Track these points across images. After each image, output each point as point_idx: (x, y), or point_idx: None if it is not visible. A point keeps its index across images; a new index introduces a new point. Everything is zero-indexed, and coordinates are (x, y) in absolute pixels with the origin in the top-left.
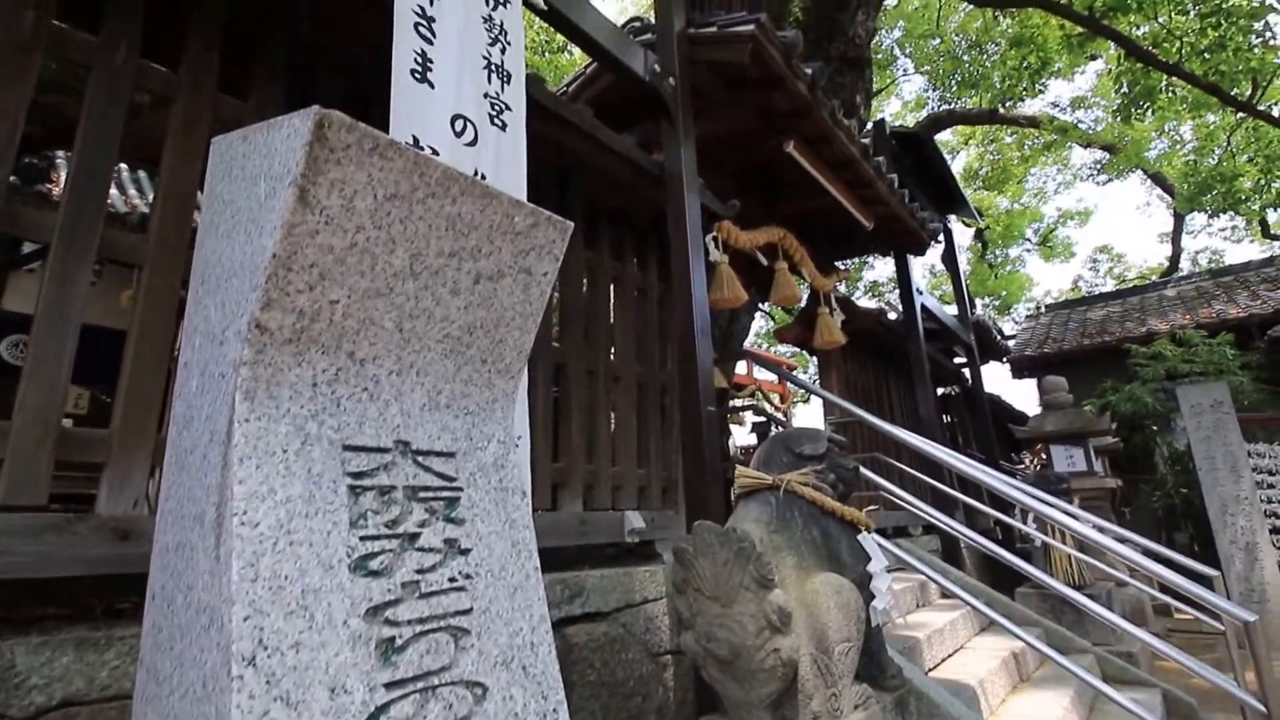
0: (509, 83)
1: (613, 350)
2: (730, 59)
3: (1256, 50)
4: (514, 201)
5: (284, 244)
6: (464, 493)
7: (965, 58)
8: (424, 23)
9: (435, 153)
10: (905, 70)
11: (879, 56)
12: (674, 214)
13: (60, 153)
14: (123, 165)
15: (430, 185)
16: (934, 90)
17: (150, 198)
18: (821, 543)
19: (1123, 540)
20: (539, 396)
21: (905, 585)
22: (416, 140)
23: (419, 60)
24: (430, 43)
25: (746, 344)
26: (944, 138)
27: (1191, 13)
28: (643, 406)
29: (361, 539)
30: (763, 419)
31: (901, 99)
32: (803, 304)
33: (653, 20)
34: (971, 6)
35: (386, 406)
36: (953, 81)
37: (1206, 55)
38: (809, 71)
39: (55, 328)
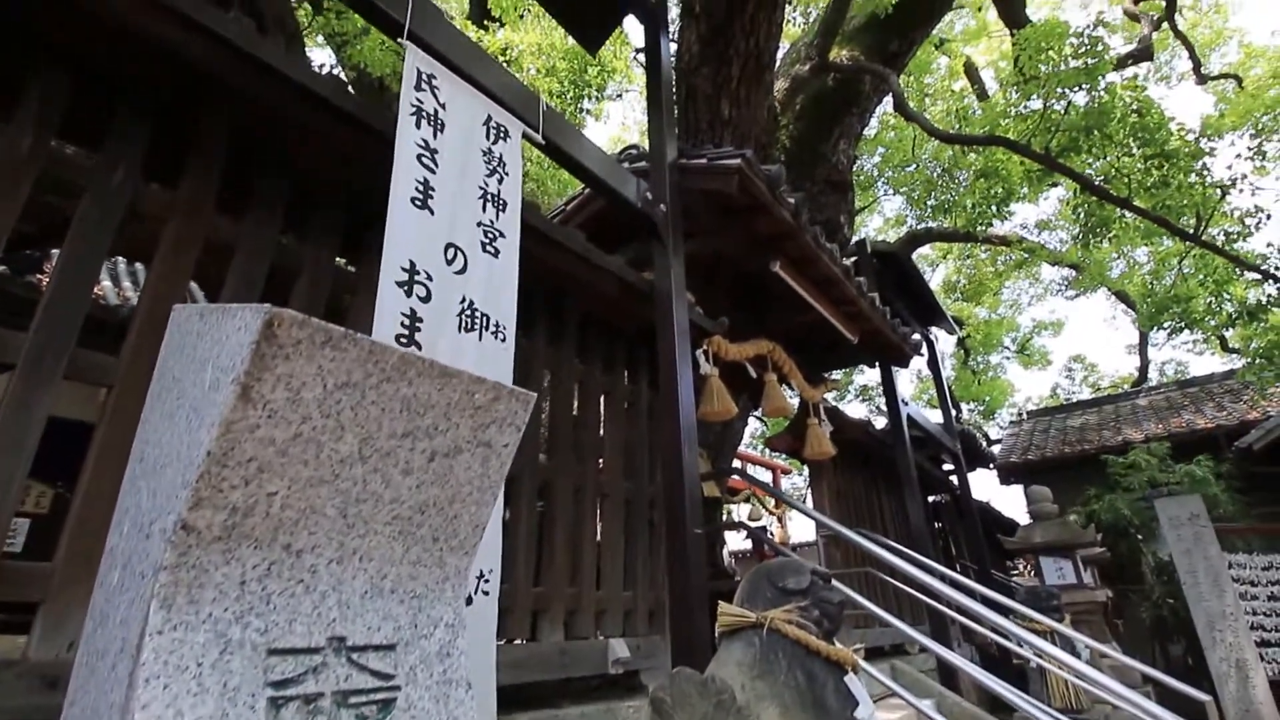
0: (504, 211)
1: (601, 462)
2: (719, 188)
3: (1198, 188)
4: (474, 378)
5: (221, 441)
6: (401, 691)
7: (939, 182)
8: (427, 154)
9: (430, 277)
10: (886, 190)
11: (860, 178)
12: (663, 333)
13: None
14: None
15: (386, 370)
16: (912, 210)
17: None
18: (806, 687)
19: (1105, 656)
20: (522, 517)
21: (900, 716)
22: (413, 265)
23: (420, 188)
24: (433, 171)
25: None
26: (924, 251)
27: (1137, 154)
28: (630, 523)
29: None
30: (758, 522)
31: (883, 215)
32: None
33: (647, 148)
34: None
35: (323, 599)
36: (928, 204)
37: (1153, 191)
38: (792, 200)
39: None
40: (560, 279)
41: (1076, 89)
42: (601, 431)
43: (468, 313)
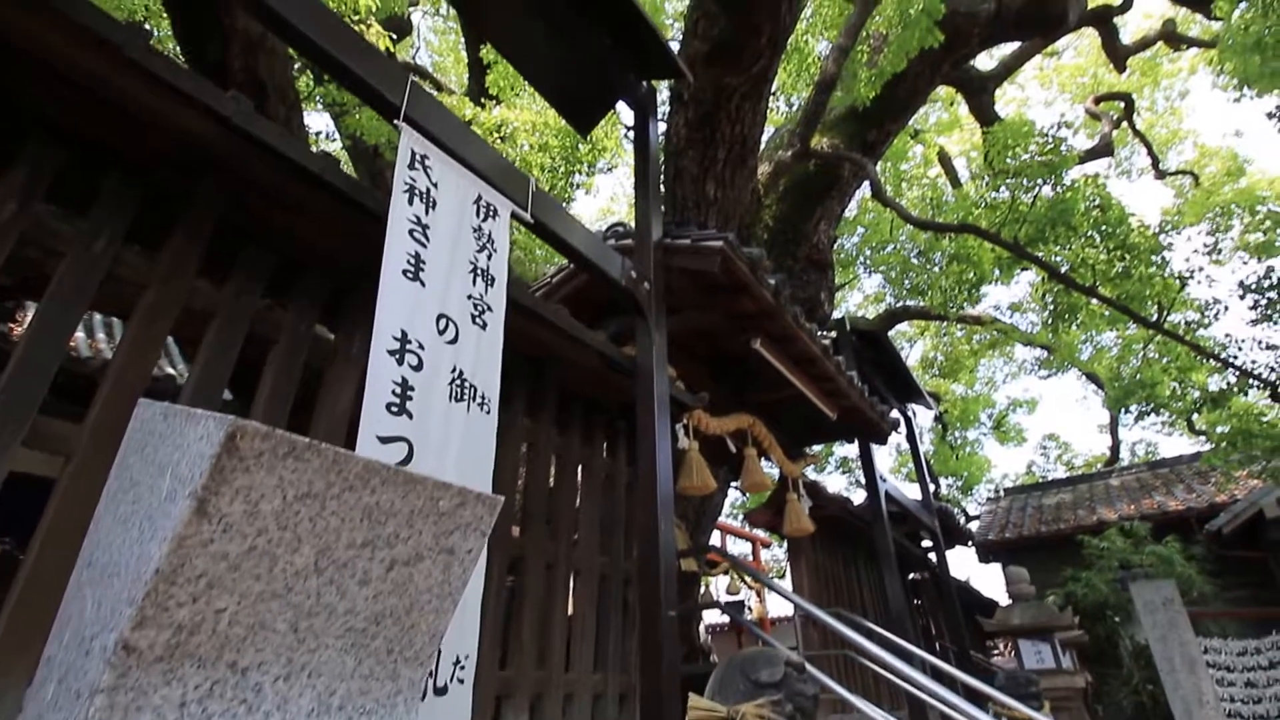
0: (492, 285)
1: (575, 536)
2: (702, 268)
3: (1158, 279)
4: (439, 484)
5: (172, 558)
6: None
7: (915, 262)
8: (418, 229)
9: (421, 346)
10: (865, 268)
11: (841, 257)
12: (643, 408)
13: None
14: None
15: (348, 480)
16: (890, 288)
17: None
18: None
19: None
20: (491, 596)
21: None
22: (405, 334)
23: (412, 260)
24: (424, 246)
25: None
26: (902, 328)
27: (1100, 245)
28: (603, 601)
29: None
30: (736, 597)
31: (863, 292)
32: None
33: (633, 224)
34: None
35: (266, 718)
36: (905, 284)
37: (1117, 281)
38: (773, 281)
39: None
40: (542, 352)
41: (1042, 183)
42: (578, 505)
43: (458, 383)
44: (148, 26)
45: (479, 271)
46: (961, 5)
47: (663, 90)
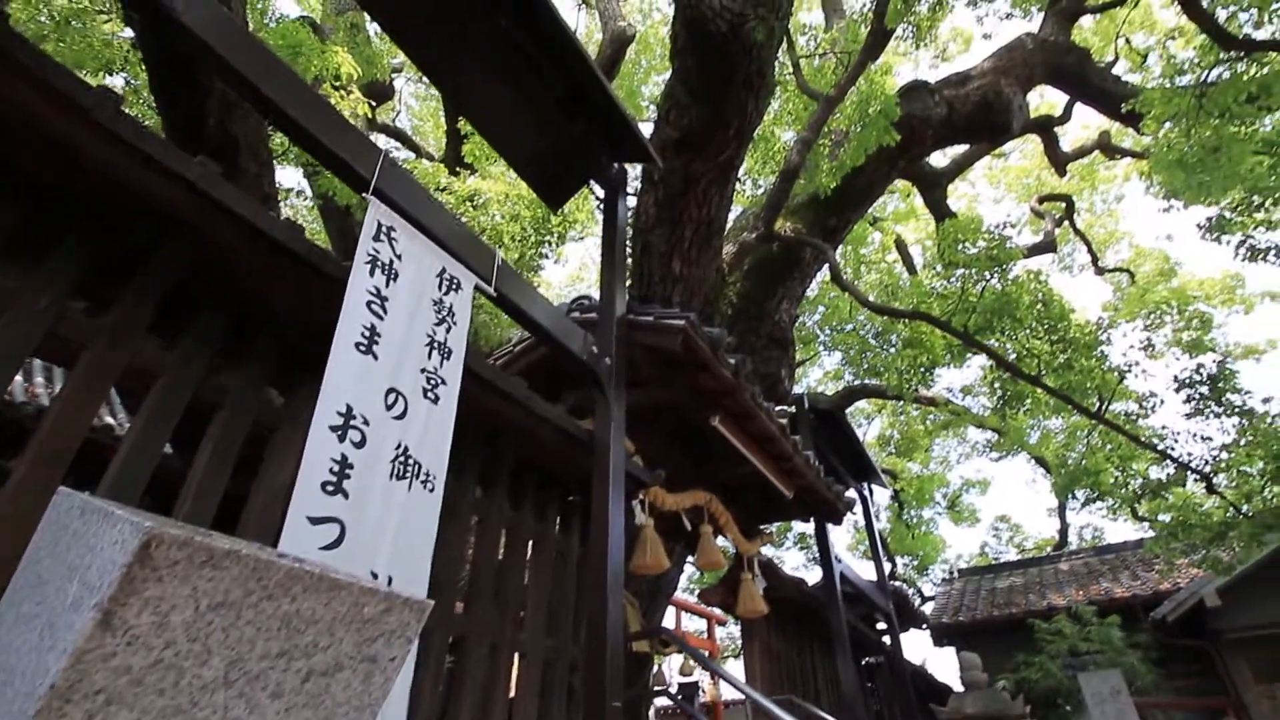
0: (448, 359)
1: (522, 616)
2: (664, 345)
3: (1098, 372)
4: (365, 589)
5: (69, 673)
6: None
7: (873, 343)
8: (377, 301)
9: (366, 422)
10: (826, 345)
11: (802, 333)
12: (599, 483)
13: None
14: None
15: (268, 588)
16: (849, 367)
17: (57, 388)
18: None
19: None
20: (428, 679)
21: None
22: (350, 409)
23: (366, 333)
24: (381, 318)
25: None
26: (860, 405)
27: (1043, 338)
28: (547, 688)
29: None
30: (689, 677)
31: (823, 369)
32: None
33: (598, 299)
34: None
35: None
36: (863, 364)
37: (1060, 372)
38: (733, 360)
39: None
40: (499, 423)
41: (990, 276)
42: (526, 582)
43: (401, 459)
44: (125, 74)
45: (436, 345)
46: (916, 109)
47: (634, 168)
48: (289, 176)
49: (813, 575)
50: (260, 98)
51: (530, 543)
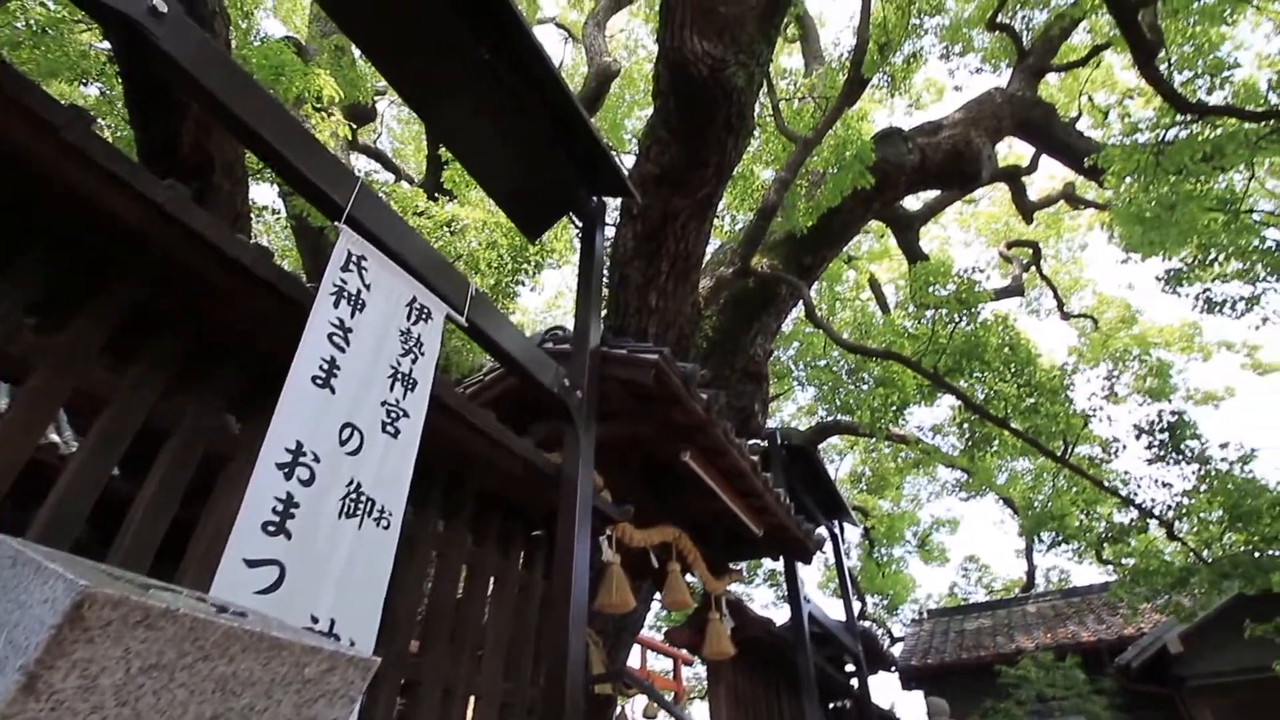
0: (413, 390)
1: (480, 656)
2: (637, 379)
3: (1062, 416)
4: (306, 648)
5: None
6: None
7: (846, 380)
8: (339, 333)
9: (317, 459)
10: (800, 379)
11: (776, 368)
12: (564, 519)
13: None
14: None
15: (204, 648)
16: (822, 402)
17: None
18: None
19: None
20: None
21: None
22: (300, 445)
23: (325, 366)
24: (342, 350)
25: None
26: (833, 441)
27: (1010, 381)
28: None
29: None
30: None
31: (797, 403)
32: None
33: (572, 330)
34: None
35: None
36: (836, 400)
37: (1026, 415)
38: (705, 396)
39: None
40: (464, 454)
41: (960, 319)
42: (486, 620)
43: (352, 497)
44: (100, 84)
45: (400, 376)
46: (890, 155)
47: (614, 200)
48: (264, 193)
49: (782, 613)
50: (236, 123)
51: (492, 579)
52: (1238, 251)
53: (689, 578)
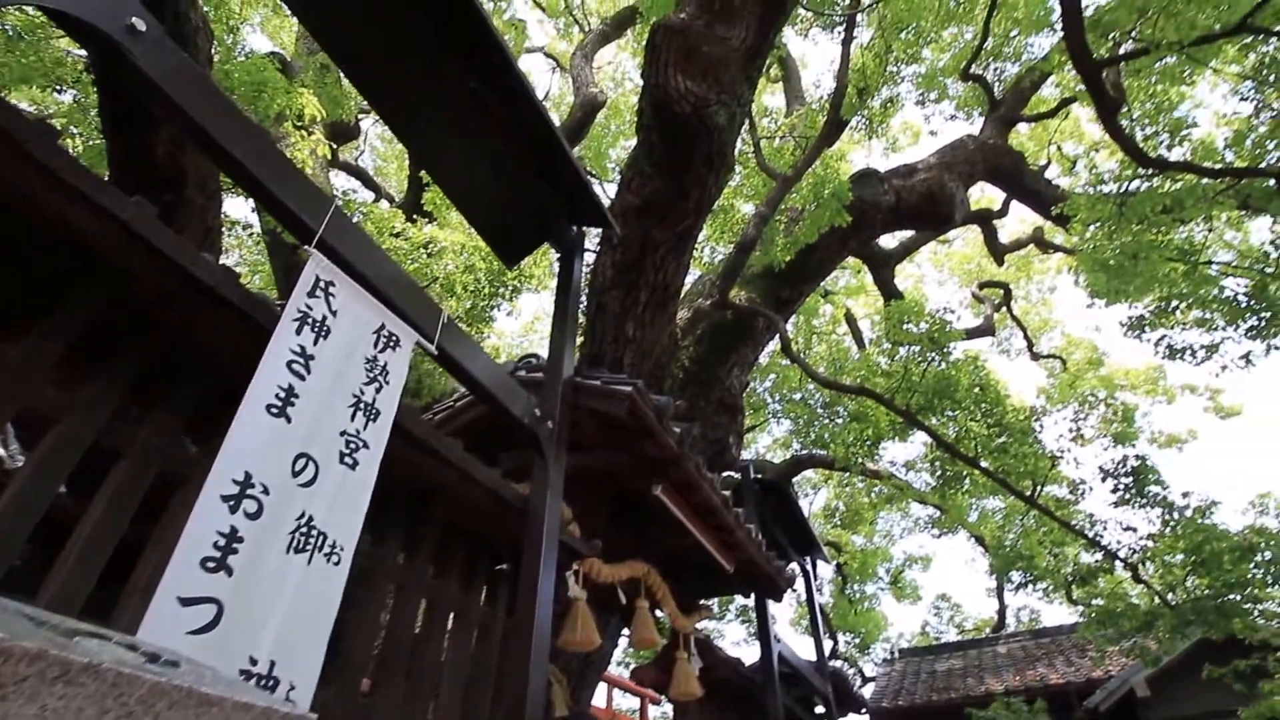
0: (374, 420)
1: (436, 698)
2: (610, 410)
3: (1031, 457)
4: (238, 704)
5: None
6: None
7: (821, 414)
8: (299, 360)
9: (266, 491)
10: (776, 411)
11: (752, 400)
12: (530, 552)
13: None
14: None
15: (128, 705)
16: (797, 436)
17: None
18: None
19: None
20: None
21: None
22: (248, 477)
23: (281, 395)
24: (302, 379)
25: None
26: (808, 474)
27: (980, 421)
28: None
29: None
30: None
31: (772, 435)
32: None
33: (546, 358)
34: None
35: None
36: (810, 434)
37: (996, 454)
38: (678, 430)
39: None
40: (429, 483)
41: (932, 357)
42: (444, 657)
43: (303, 530)
44: (75, 92)
45: (362, 405)
46: (867, 195)
47: (594, 228)
48: (238, 207)
49: (753, 651)
50: (210, 144)
51: (452, 614)
52: (1198, 301)
53: (658, 613)
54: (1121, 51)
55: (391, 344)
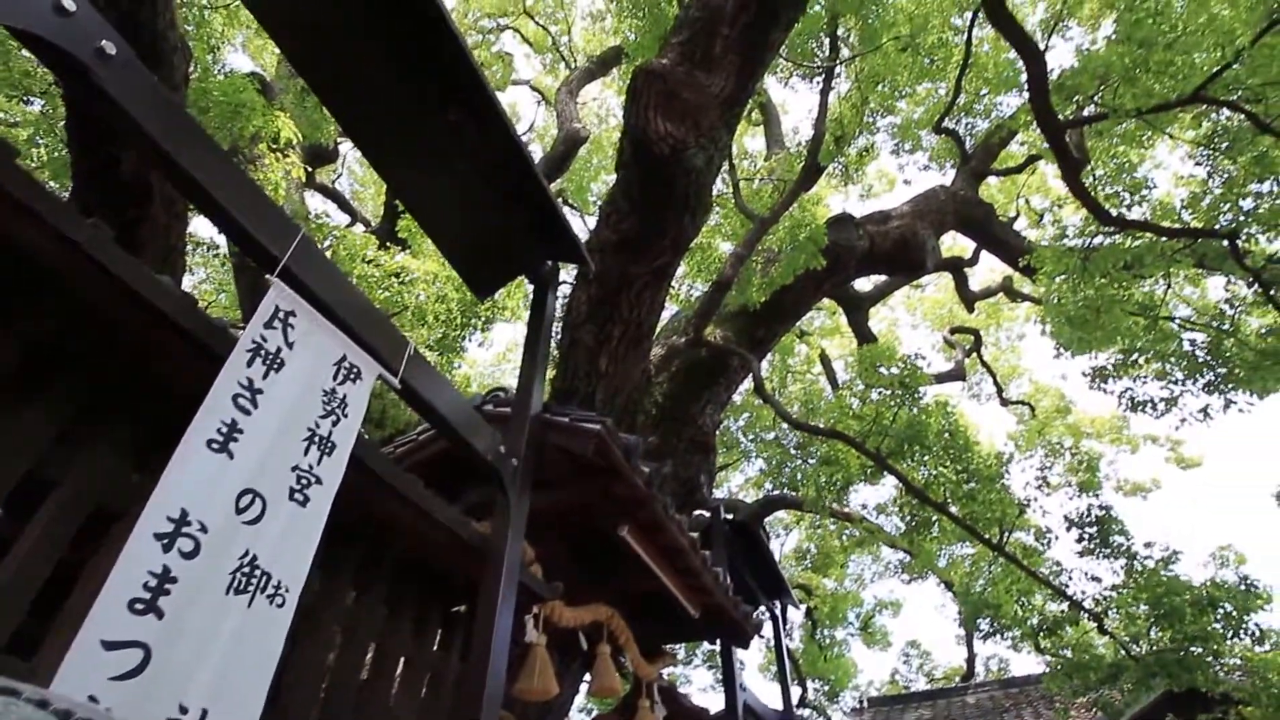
0: (329, 455)
1: None
2: (576, 447)
3: (999, 504)
4: None
5: None
6: None
7: (794, 454)
8: (246, 395)
9: (204, 529)
10: (749, 450)
11: (725, 438)
12: (486, 594)
13: None
14: None
15: None
16: (770, 476)
17: None
18: None
19: None
20: None
21: None
22: (184, 514)
23: (223, 430)
24: (247, 414)
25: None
26: (779, 515)
27: (950, 466)
28: None
29: None
30: None
31: (745, 474)
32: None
33: (514, 392)
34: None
35: None
36: (782, 475)
37: (964, 501)
38: (647, 470)
39: None
40: (384, 520)
41: (904, 400)
42: (393, 704)
43: (245, 570)
44: (43, 102)
45: (317, 439)
46: (842, 239)
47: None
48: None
49: (719, 699)
50: (175, 169)
51: (403, 659)
52: (1158, 354)
53: (621, 658)
54: (1084, 114)
55: (352, 376)
